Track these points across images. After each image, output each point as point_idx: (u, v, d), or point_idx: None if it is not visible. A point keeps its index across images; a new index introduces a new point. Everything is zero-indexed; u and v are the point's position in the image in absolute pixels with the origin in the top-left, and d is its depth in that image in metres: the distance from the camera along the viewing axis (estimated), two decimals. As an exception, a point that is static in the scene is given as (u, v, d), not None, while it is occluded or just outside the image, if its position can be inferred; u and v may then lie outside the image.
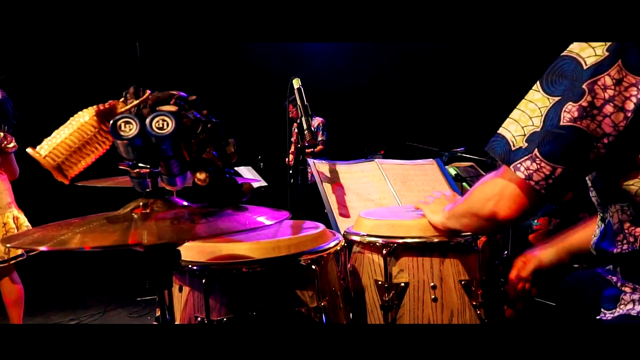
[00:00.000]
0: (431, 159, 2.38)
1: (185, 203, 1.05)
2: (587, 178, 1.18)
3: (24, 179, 3.15)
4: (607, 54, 0.97)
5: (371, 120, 7.56)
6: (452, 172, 3.56)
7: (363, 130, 7.44)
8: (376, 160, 2.26)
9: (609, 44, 0.97)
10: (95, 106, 0.97)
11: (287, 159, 4.61)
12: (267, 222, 0.98)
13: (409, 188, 2.19)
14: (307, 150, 1.96)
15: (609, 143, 0.98)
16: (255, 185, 5.79)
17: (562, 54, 1.04)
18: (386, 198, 2.14)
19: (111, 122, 0.93)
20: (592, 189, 1.18)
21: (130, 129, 0.93)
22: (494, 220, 1.12)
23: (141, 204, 1.01)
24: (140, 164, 0.98)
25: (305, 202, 2.28)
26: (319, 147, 5.81)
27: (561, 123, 0.98)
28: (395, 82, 7.55)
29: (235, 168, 5.91)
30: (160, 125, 0.94)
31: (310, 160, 2.14)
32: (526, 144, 1.03)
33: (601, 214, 1.19)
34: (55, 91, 5.71)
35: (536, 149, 1.01)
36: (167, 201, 1.02)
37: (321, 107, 6.03)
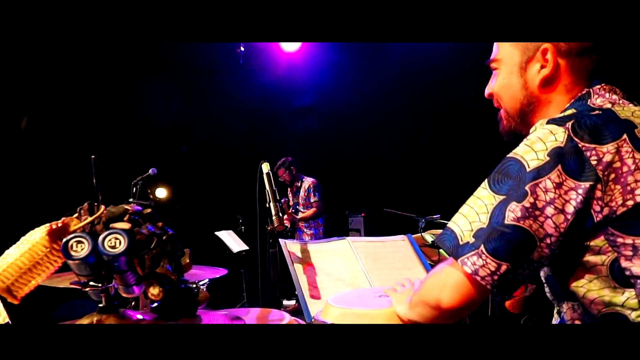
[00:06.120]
0: (402, 235, 2.40)
1: (139, 316, 1.05)
2: (540, 274, 1.21)
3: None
4: (547, 158, 1.01)
5: (351, 184, 7.61)
6: (429, 238, 3.58)
7: (344, 194, 7.49)
8: (347, 238, 2.27)
9: (550, 149, 1.02)
10: (47, 225, 0.98)
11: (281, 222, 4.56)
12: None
13: (380, 266, 2.19)
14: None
15: (552, 243, 1.02)
16: (236, 250, 5.74)
17: (508, 155, 1.09)
18: (357, 277, 2.14)
19: (63, 241, 0.94)
20: (545, 284, 1.21)
21: (82, 249, 0.94)
22: (439, 309, 1.13)
23: (95, 319, 1.01)
24: (91, 283, 0.98)
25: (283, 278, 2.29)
26: (313, 210, 5.72)
27: (506, 222, 1.02)
28: (374, 149, 7.67)
29: (216, 233, 5.85)
30: (113, 244, 0.95)
31: (281, 241, 2.15)
32: (473, 239, 1.06)
33: (556, 307, 1.22)
34: (8, 207, 5.38)
35: (482, 245, 1.04)
36: (121, 316, 1.01)
37: (304, 170, 6.06)
